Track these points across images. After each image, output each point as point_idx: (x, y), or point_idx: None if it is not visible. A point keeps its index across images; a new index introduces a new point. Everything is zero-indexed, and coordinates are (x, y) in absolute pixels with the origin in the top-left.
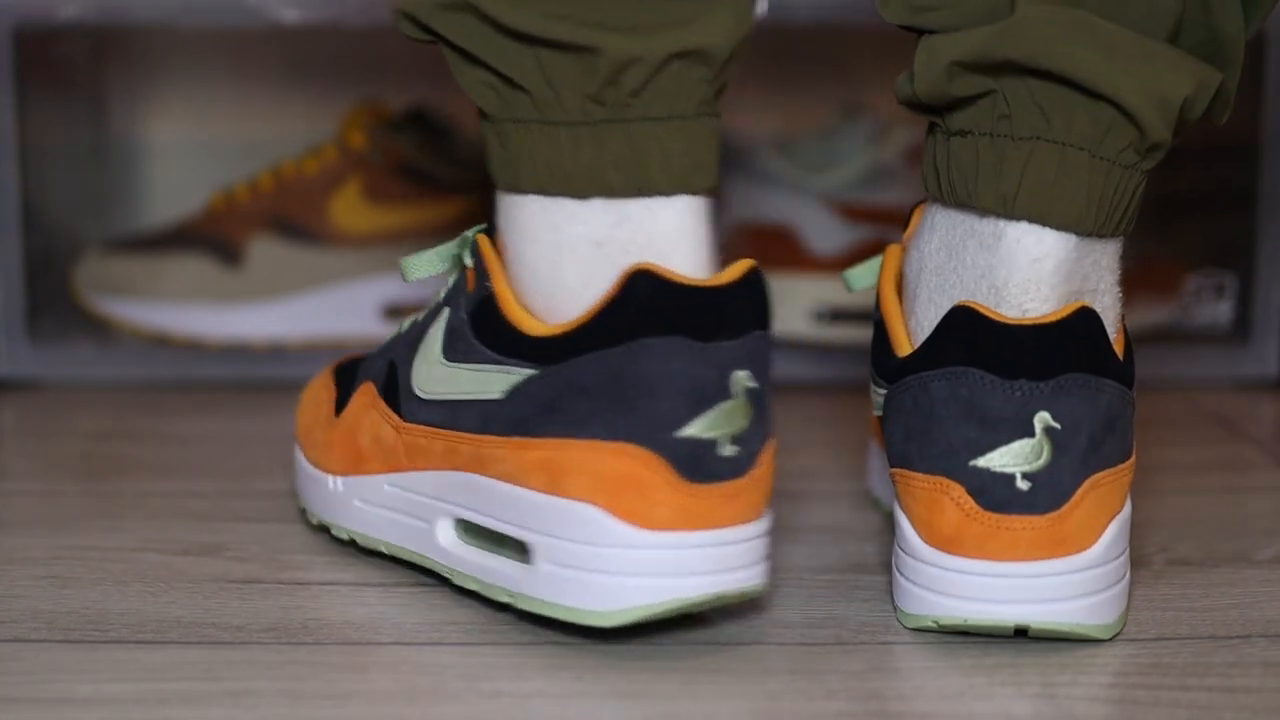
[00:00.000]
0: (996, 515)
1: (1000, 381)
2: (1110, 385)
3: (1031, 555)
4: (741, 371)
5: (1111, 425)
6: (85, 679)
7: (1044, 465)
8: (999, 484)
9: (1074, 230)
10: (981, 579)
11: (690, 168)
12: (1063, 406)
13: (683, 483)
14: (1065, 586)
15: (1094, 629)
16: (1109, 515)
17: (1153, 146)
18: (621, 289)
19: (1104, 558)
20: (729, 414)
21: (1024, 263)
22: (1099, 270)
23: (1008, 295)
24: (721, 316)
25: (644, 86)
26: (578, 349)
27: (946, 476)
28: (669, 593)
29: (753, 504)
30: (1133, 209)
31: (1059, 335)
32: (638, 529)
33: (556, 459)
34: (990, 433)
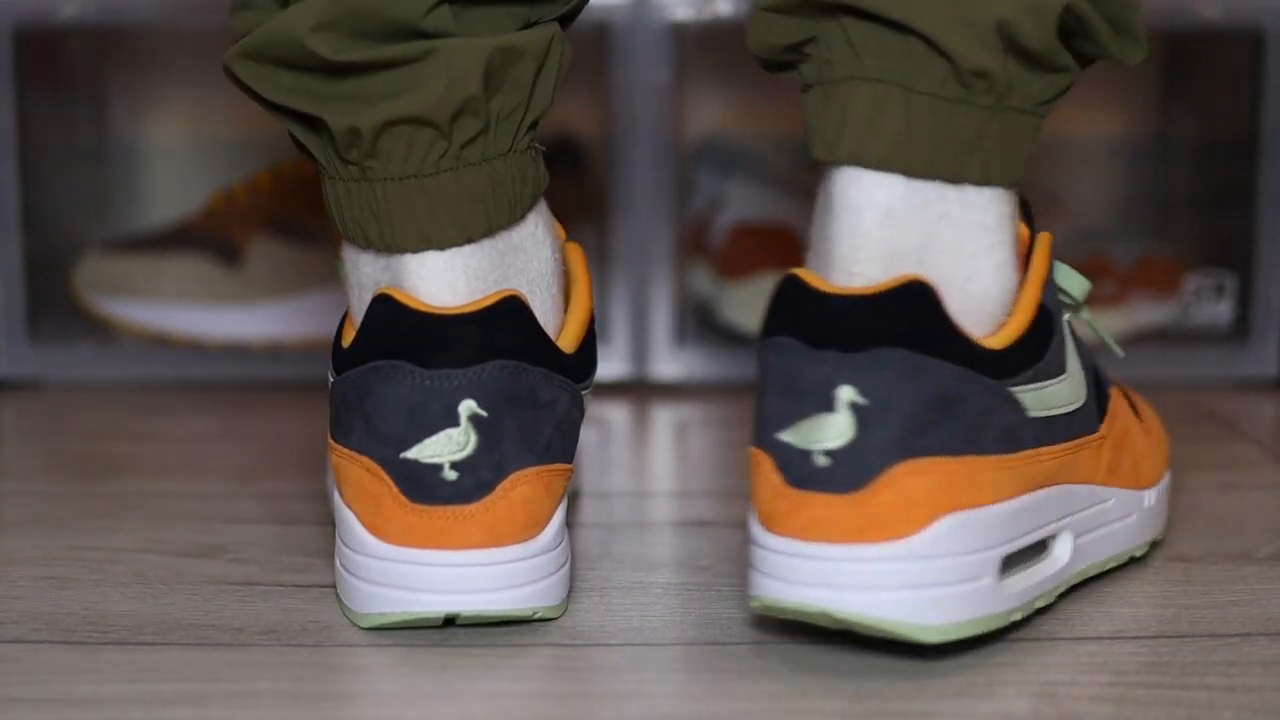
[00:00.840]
0: (799, 491)
1: (810, 351)
2: (941, 366)
3: (834, 537)
4: (469, 400)
5: (948, 409)
6: (85, 680)
7: (848, 443)
8: (800, 459)
9: (894, 169)
10: (789, 558)
11: (431, 224)
12: (871, 382)
13: (407, 501)
14: (873, 575)
15: (911, 628)
16: (943, 507)
17: (978, 75)
18: (369, 311)
19: (929, 551)
20: (452, 440)
21: (847, 217)
22: (955, 227)
23: (836, 259)
24: (445, 344)
25: (372, 150)
26: (350, 363)
27: (763, 449)
28: (401, 604)
29: (489, 530)
30: (995, 151)
31: (876, 306)
32: (376, 539)
33: (339, 465)
34: (795, 404)
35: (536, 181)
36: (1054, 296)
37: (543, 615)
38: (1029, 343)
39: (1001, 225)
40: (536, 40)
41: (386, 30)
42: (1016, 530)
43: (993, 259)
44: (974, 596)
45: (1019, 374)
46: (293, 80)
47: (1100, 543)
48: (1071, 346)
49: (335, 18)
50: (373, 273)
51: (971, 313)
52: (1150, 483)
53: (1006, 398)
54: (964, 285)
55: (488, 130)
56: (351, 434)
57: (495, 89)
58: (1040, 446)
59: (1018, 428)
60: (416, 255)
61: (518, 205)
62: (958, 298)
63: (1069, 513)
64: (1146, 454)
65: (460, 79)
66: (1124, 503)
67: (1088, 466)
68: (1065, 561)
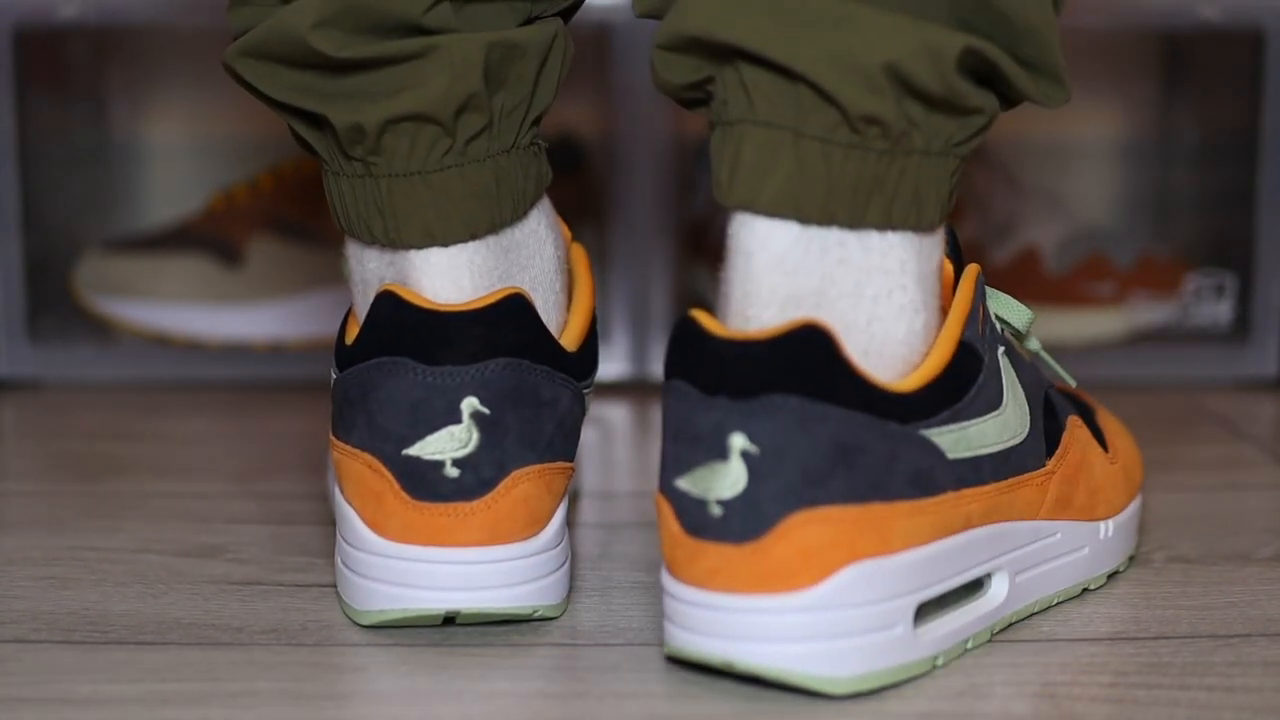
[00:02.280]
0: (696, 540)
1: (702, 397)
2: (837, 413)
3: (732, 587)
4: (472, 397)
5: (847, 456)
6: (85, 680)
7: (741, 492)
8: (696, 507)
9: (787, 215)
10: (691, 607)
11: (436, 220)
12: (762, 429)
13: (408, 498)
14: (774, 627)
15: (816, 680)
16: (845, 557)
17: (869, 121)
18: (373, 307)
19: (830, 602)
20: (454, 437)
21: (740, 261)
22: (853, 271)
23: (732, 303)
24: (449, 341)
25: (376, 147)
26: (353, 360)
27: (663, 495)
28: (401, 601)
29: (490, 528)
30: (897, 195)
31: (767, 352)
32: (377, 536)
33: (340, 461)
34: (690, 451)
35: (539, 178)
36: (984, 331)
37: (543, 614)
38: (945, 383)
39: (905, 269)
40: (538, 35)
41: (387, 26)
42: (934, 576)
43: (894, 301)
44: (885, 646)
45: (933, 415)
46: (294, 77)
47: (1045, 578)
48: (1012, 379)
49: (336, 14)
50: (377, 269)
51: (876, 355)
52: (1109, 514)
53: (916, 442)
54: (865, 328)
55: (491, 126)
56: (353, 430)
57: (498, 85)
58: (964, 489)
59: (931, 471)
60: (421, 251)
61: (521, 202)
62: (859, 340)
63: (1003, 552)
64: (1107, 484)
65: (462, 75)
66: (1074, 536)
67: (1027, 503)
68: (1000, 601)
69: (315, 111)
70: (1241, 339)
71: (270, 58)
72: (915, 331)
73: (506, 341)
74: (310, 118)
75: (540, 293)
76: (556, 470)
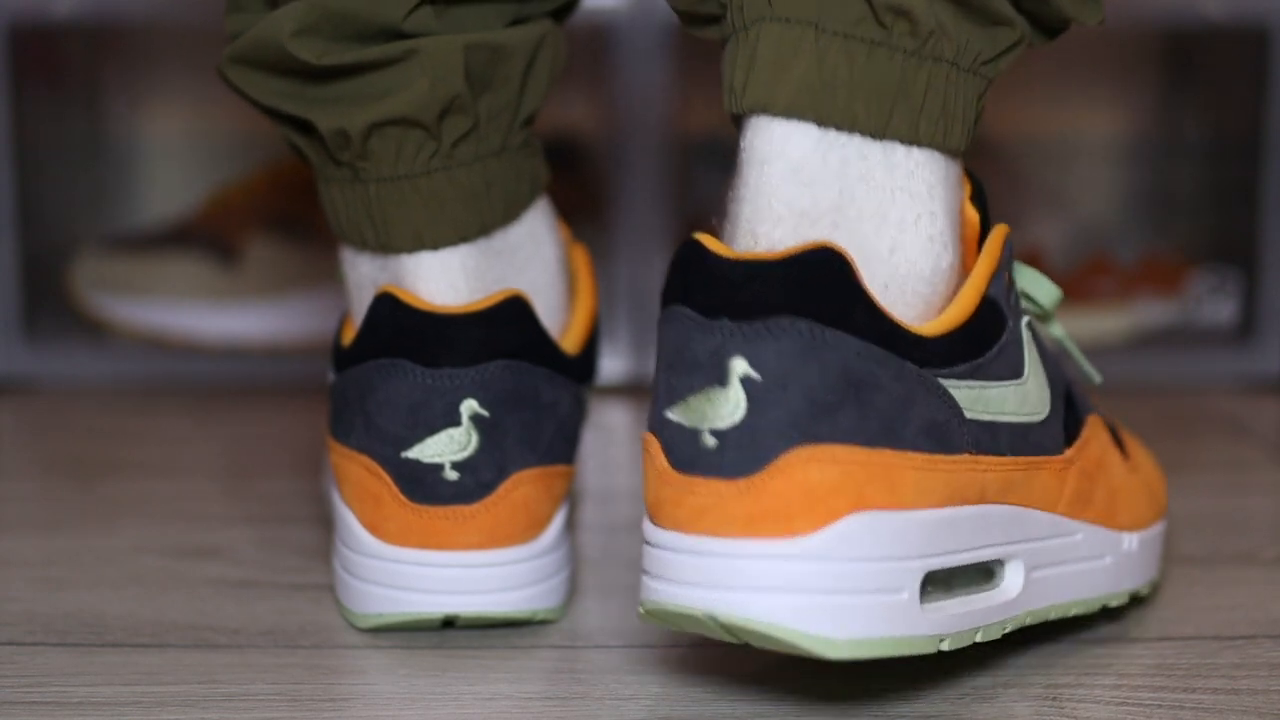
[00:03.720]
0: (685, 476)
1: (702, 321)
2: (850, 342)
3: (721, 529)
4: (471, 399)
5: (857, 391)
6: (80, 682)
7: (738, 422)
8: (687, 439)
9: (805, 116)
10: (672, 554)
11: (425, 224)
12: (765, 354)
13: (407, 501)
14: (764, 574)
15: (806, 639)
16: (849, 503)
17: (897, 13)
18: (371, 309)
19: (829, 552)
20: (453, 440)
21: (753, 173)
22: (877, 190)
23: (741, 220)
24: (449, 343)
25: (363, 153)
26: (351, 361)
27: (652, 432)
28: (400, 605)
29: (489, 531)
30: (925, 106)
31: (776, 273)
32: (375, 539)
33: (338, 464)
34: (685, 379)
35: (534, 180)
36: (1009, 295)
37: (543, 617)
38: (967, 334)
39: (934, 194)
40: (524, 37)
41: (368, 32)
42: (945, 544)
43: (922, 231)
44: (888, 611)
45: (952, 366)
46: (280, 84)
47: (1063, 581)
48: (1035, 355)
49: (315, 22)
50: (370, 273)
51: (898, 290)
52: (1132, 526)
53: (933, 389)
54: (887, 258)
55: (477, 129)
56: (352, 433)
57: (483, 87)
58: (981, 454)
59: (949, 426)
60: (412, 256)
61: (514, 204)
62: (880, 272)
63: (1019, 539)
64: (1128, 493)
65: (443, 77)
66: (1096, 541)
67: (1046, 491)
68: (1015, 594)
69: (302, 117)
70: (1246, 338)
71: (256, 65)
72: (941, 271)
73: (506, 344)
74: (298, 123)
75: (539, 295)
76: (557, 473)
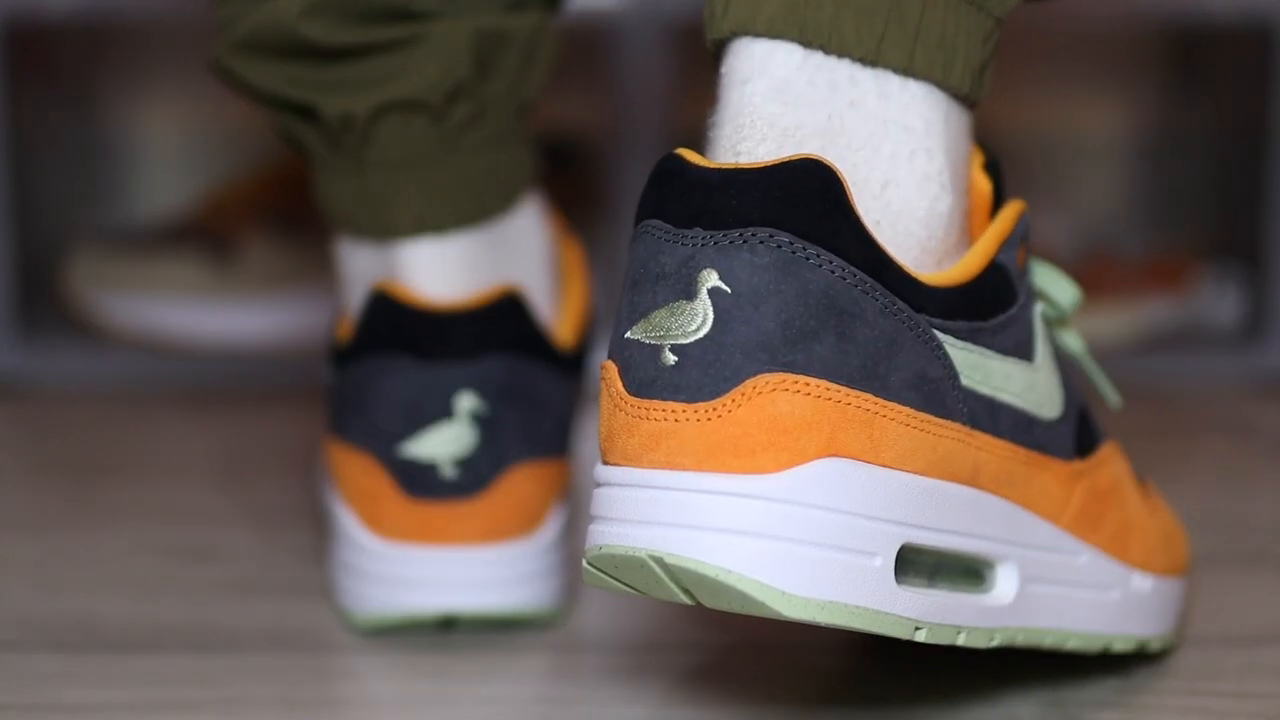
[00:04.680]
0: (639, 401)
1: (673, 232)
2: (835, 263)
3: (676, 461)
4: (468, 394)
5: (839, 321)
6: (75, 686)
7: (703, 336)
8: (646, 358)
9: (789, 35)
10: (619, 489)
11: (427, 208)
12: (737, 266)
13: (405, 496)
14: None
15: (762, 589)
16: (823, 445)
17: None
18: (366, 305)
19: (796, 495)
20: (450, 435)
21: (734, 94)
22: (868, 119)
23: (721, 141)
24: (444, 338)
25: (366, 137)
26: (347, 358)
27: (611, 358)
28: (398, 603)
29: (489, 526)
30: (922, 36)
31: (755, 181)
32: (373, 535)
33: (335, 460)
34: (650, 294)
35: (530, 172)
36: (1019, 269)
37: (542, 615)
38: (971, 293)
39: (930, 131)
40: (524, 25)
41: (376, 13)
42: (929, 518)
43: (918, 167)
44: (855, 575)
45: (951, 320)
46: (283, 69)
47: (1063, 604)
48: (1049, 349)
49: (324, 2)
50: (365, 264)
51: (890, 229)
52: (1145, 565)
53: (926, 338)
54: (879, 193)
55: (481, 115)
56: (349, 429)
57: (487, 73)
58: (977, 430)
59: (941, 386)
60: (410, 245)
61: (511, 193)
62: (872, 207)
63: (1014, 541)
64: (1144, 530)
65: (452, 61)
66: (1102, 570)
67: (1049, 496)
68: (1007, 601)
69: (306, 103)
70: (1252, 336)
71: (259, 50)
72: (938, 214)
73: (503, 338)
74: (300, 111)
75: (532, 287)
76: (554, 467)
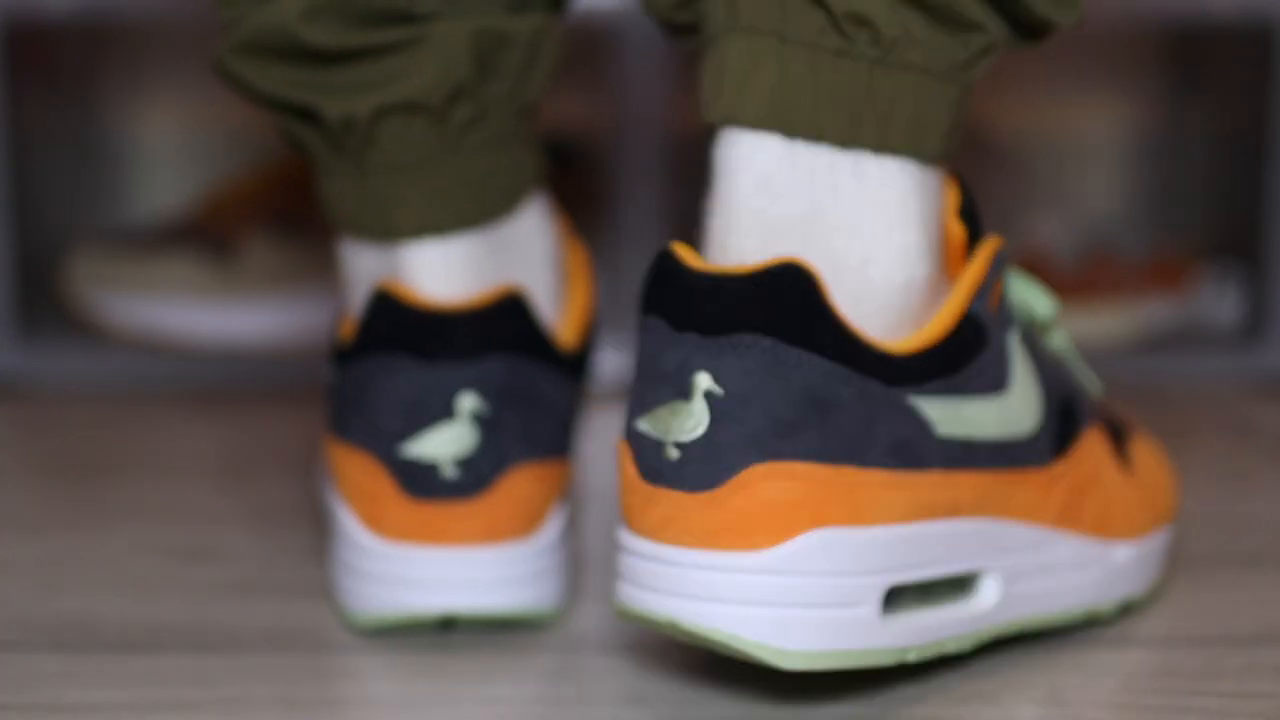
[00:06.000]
0: (650, 486)
1: (672, 333)
2: (814, 360)
3: (684, 540)
4: (469, 394)
5: (820, 411)
6: (75, 686)
7: (700, 436)
8: (654, 450)
9: (772, 128)
10: (640, 560)
11: (429, 210)
12: (729, 370)
13: (406, 496)
14: (723, 586)
15: (763, 649)
16: (809, 520)
17: (858, 22)
18: (368, 304)
19: (787, 567)
20: (451, 435)
21: (723, 185)
22: (847, 201)
23: (713, 232)
24: (445, 338)
25: (367, 139)
26: (349, 358)
27: (625, 440)
28: (398, 603)
29: (489, 527)
30: (894, 114)
31: (743, 287)
32: (373, 535)
33: (336, 460)
34: (654, 390)
35: (534, 173)
36: (996, 310)
37: (542, 615)
38: (943, 352)
39: (907, 204)
40: (526, 26)
41: (376, 16)
42: (910, 559)
43: (894, 241)
44: (846, 625)
45: (925, 383)
46: (285, 72)
47: (1045, 592)
48: (1027, 369)
49: (324, 5)
50: (368, 265)
51: (871, 302)
52: (1124, 535)
53: (901, 408)
54: (859, 269)
55: (482, 116)
56: (349, 429)
57: (488, 74)
58: (954, 470)
59: (916, 444)
60: (413, 245)
61: (514, 195)
62: (851, 283)
63: (996, 552)
64: (1122, 503)
65: (452, 63)
66: (1082, 552)
67: (1028, 504)
68: (990, 606)
69: (307, 105)
70: (1252, 336)
71: (260, 52)
72: (916, 282)
73: (504, 339)
74: (301, 113)
75: (534, 288)
76: (554, 467)
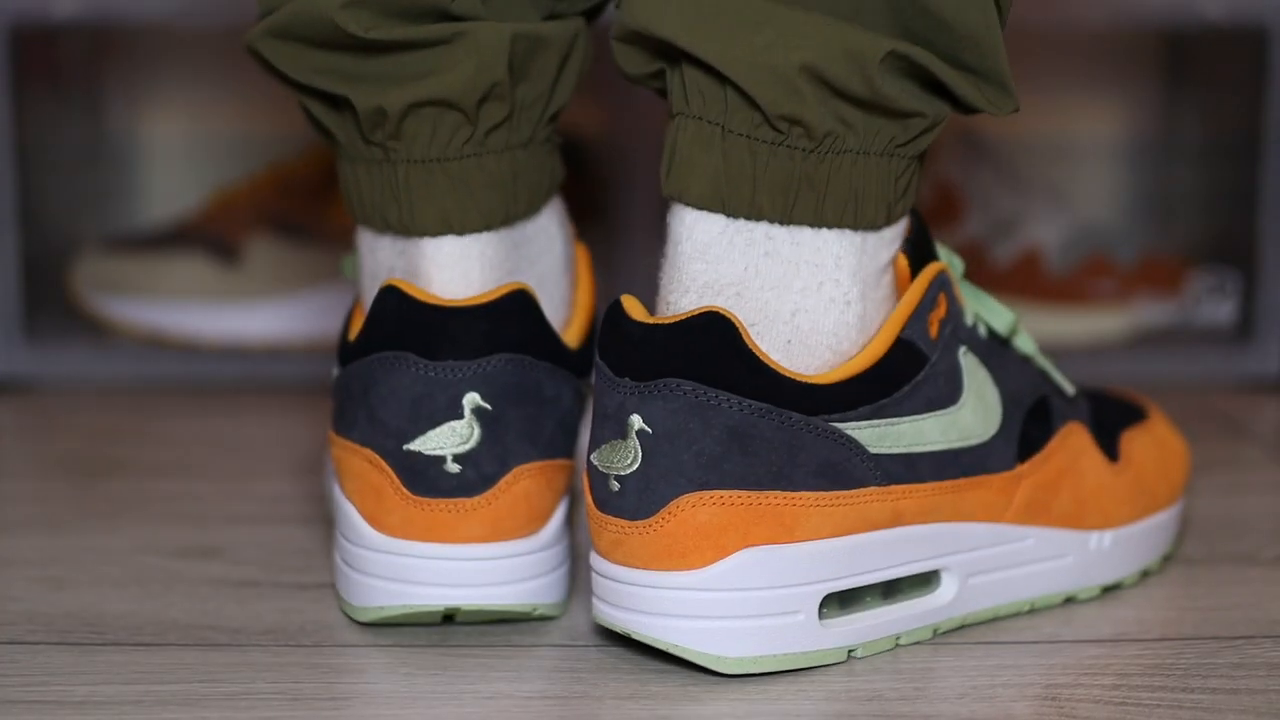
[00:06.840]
0: (601, 514)
1: (613, 379)
2: (732, 400)
3: (631, 561)
4: (473, 392)
5: (742, 444)
6: (82, 681)
7: (635, 470)
8: (602, 482)
9: (714, 209)
10: (599, 578)
11: (453, 208)
12: (656, 412)
13: (409, 493)
14: (666, 602)
15: (705, 657)
16: (738, 541)
17: (790, 121)
18: (376, 302)
19: (720, 584)
20: (455, 433)
21: (671, 248)
22: (780, 263)
23: (660, 288)
24: (452, 336)
25: (397, 132)
26: (355, 354)
27: (586, 470)
28: (400, 597)
29: (491, 523)
30: (830, 193)
31: (668, 336)
32: (377, 532)
33: (340, 457)
34: (601, 429)
35: (553, 176)
36: (939, 330)
37: (543, 613)
38: (872, 377)
39: (840, 265)
40: (561, 32)
41: (415, 10)
42: (846, 569)
43: (824, 294)
44: (782, 631)
45: (851, 409)
46: (319, 59)
47: (1011, 583)
48: (980, 380)
49: None
50: (387, 259)
51: (801, 345)
52: (1105, 524)
53: (824, 433)
54: (789, 319)
55: (512, 118)
56: (354, 425)
57: (521, 77)
58: (892, 484)
59: (844, 465)
60: (434, 241)
61: (536, 197)
62: (782, 330)
63: (948, 552)
64: (1102, 494)
65: (488, 63)
66: (1053, 543)
67: (985, 505)
68: (945, 601)
69: (338, 93)
70: (1245, 338)
71: (296, 38)
72: (846, 324)
73: (509, 337)
74: (331, 100)
75: (547, 289)
76: (558, 467)
